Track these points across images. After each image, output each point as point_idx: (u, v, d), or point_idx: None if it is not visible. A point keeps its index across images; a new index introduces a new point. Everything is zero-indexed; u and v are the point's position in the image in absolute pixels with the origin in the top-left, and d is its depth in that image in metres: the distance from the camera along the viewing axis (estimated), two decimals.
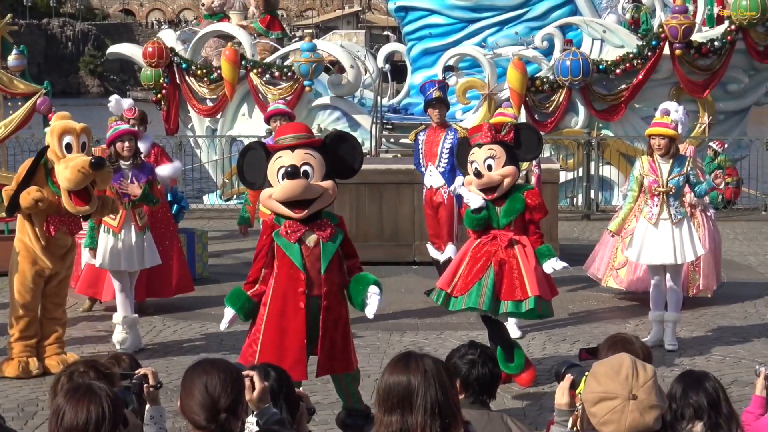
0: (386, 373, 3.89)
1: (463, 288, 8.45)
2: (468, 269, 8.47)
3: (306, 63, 18.62)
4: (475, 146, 8.45)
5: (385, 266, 13.35)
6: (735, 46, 18.62)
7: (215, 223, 17.01)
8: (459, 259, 8.66)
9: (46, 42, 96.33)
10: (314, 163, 6.94)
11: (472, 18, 20.93)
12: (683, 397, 4.87)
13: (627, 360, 3.66)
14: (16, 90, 13.86)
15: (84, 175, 8.66)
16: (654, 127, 9.91)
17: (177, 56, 19.57)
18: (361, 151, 7.35)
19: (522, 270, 8.32)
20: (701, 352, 9.96)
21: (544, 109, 18.69)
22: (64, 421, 3.77)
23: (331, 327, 7.10)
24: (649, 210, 9.96)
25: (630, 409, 3.57)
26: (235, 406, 3.95)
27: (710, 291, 11.58)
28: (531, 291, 8.27)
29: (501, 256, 8.37)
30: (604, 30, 19.28)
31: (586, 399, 3.69)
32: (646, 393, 3.58)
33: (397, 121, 20.64)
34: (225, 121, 19.82)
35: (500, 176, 8.36)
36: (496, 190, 8.39)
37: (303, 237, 7.02)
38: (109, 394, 3.83)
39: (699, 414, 4.84)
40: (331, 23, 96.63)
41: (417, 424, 3.78)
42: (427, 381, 3.81)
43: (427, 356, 3.94)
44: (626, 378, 3.59)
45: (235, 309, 7.27)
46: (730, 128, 19.57)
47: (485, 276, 8.37)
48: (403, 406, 3.79)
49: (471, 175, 8.47)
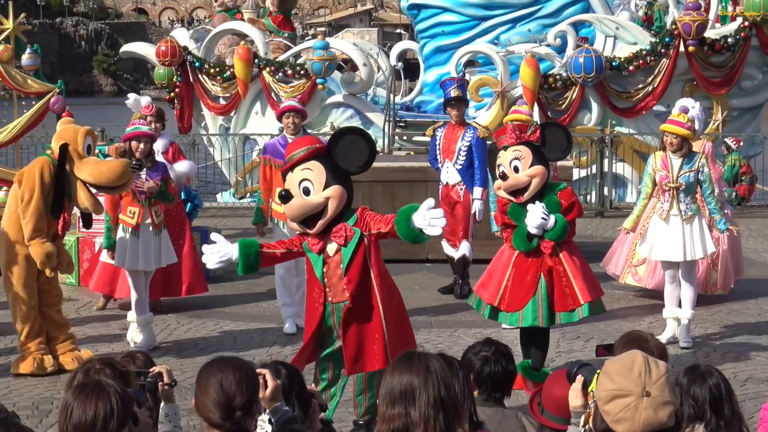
0: (389, 372, 3.90)
1: (514, 303, 8.30)
2: (515, 282, 8.30)
3: (319, 61, 18.62)
4: (501, 149, 8.29)
5: (398, 264, 13.34)
6: (749, 42, 18.56)
7: (228, 221, 17.03)
8: (501, 268, 8.44)
9: (60, 41, 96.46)
10: (312, 176, 6.86)
11: (485, 15, 20.92)
12: (686, 394, 4.81)
13: (639, 357, 3.65)
14: (30, 89, 13.93)
15: (124, 173, 8.83)
16: (668, 124, 9.91)
17: (190, 55, 19.59)
18: (371, 141, 7.10)
19: (570, 276, 8.21)
20: (715, 350, 9.94)
21: (557, 106, 18.65)
22: (73, 417, 3.77)
23: (354, 328, 7.02)
24: (660, 206, 9.97)
25: (644, 406, 3.56)
26: (250, 405, 3.95)
27: (727, 288, 11.57)
28: (582, 298, 8.20)
29: (548, 263, 8.23)
30: (617, 27, 19.24)
31: (599, 397, 3.68)
32: (659, 390, 3.57)
33: (410, 119, 20.62)
34: (238, 119, 19.83)
35: (527, 177, 8.17)
36: (524, 192, 8.20)
37: (324, 247, 6.98)
38: (117, 391, 3.83)
39: (700, 413, 4.78)
40: (344, 21, 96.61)
41: (421, 417, 3.78)
42: (430, 377, 3.81)
43: (431, 354, 3.95)
44: (639, 375, 3.58)
45: (240, 254, 7.00)
46: (743, 125, 19.51)
47: (538, 290, 8.22)
48: (406, 401, 3.80)
49: (498, 179, 8.29)
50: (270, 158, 10.40)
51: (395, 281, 7.34)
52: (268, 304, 11.51)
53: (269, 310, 11.29)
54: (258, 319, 10.98)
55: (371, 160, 7.07)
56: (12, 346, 9.93)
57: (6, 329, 10.55)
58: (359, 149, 6.95)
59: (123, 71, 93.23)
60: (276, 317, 10.80)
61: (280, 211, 10.44)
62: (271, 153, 10.46)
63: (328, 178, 6.87)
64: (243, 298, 12.01)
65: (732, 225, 10.46)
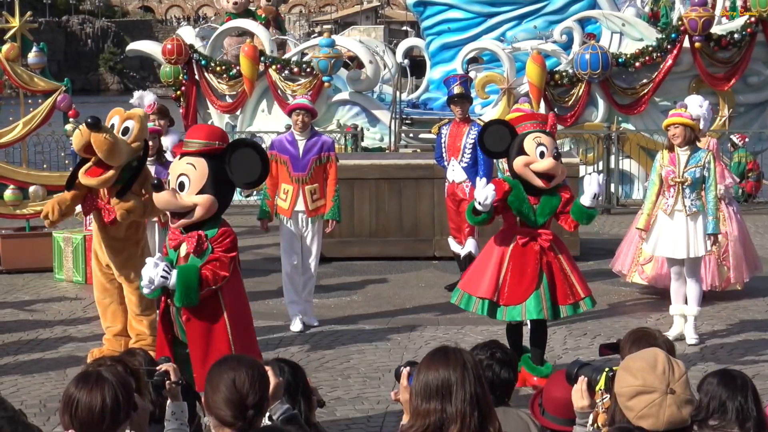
0: (424, 367, 3.82)
1: (515, 297, 8.20)
2: (515, 275, 8.20)
3: (325, 59, 18.61)
4: (539, 131, 8.21)
5: (405, 261, 13.37)
6: (756, 38, 18.53)
7: (235, 218, 17.00)
8: (496, 262, 8.28)
9: (66, 39, 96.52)
10: (192, 174, 6.71)
11: (491, 12, 20.89)
12: (723, 401, 4.49)
13: (661, 354, 3.64)
14: (37, 87, 13.95)
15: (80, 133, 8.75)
16: (669, 117, 9.91)
17: (196, 53, 19.59)
18: (266, 160, 6.81)
19: (567, 271, 8.24)
20: (723, 346, 9.93)
21: (564, 103, 18.62)
22: (79, 409, 3.73)
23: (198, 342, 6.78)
24: (665, 201, 9.95)
25: (668, 403, 3.55)
26: (262, 404, 3.94)
27: (740, 283, 11.54)
28: (583, 292, 8.26)
29: (546, 257, 8.21)
30: (623, 23, 19.21)
31: (620, 393, 3.66)
32: (682, 387, 3.57)
33: (416, 116, 20.60)
34: (244, 117, 19.83)
35: (563, 169, 8.31)
36: (551, 180, 8.19)
37: (179, 245, 6.84)
38: (119, 379, 3.82)
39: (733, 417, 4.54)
40: (350, 19, 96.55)
41: (457, 413, 3.72)
42: (467, 372, 3.76)
43: (463, 349, 3.90)
44: (663, 372, 3.58)
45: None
46: (750, 121, 19.47)
47: (541, 283, 8.18)
48: (442, 396, 3.74)
49: (536, 156, 8.10)
50: (277, 154, 10.41)
51: (403, 279, 7.34)
52: (275, 302, 11.52)
53: (276, 308, 11.30)
54: (265, 316, 10.98)
55: (261, 180, 6.94)
56: (17, 344, 9.96)
57: (13, 327, 10.58)
58: (252, 165, 6.73)
59: (129, 69, 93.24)
60: (283, 315, 10.81)
61: (285, 207, 10.46)
62: (278, 149, 10.46)
63: (207, 184, 6.71)
64: (250, 295, 11.78)
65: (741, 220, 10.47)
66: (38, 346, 9.99)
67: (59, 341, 10.16)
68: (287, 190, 10.41)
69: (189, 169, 6.75)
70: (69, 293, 12.16)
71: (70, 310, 11.33)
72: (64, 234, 12.88)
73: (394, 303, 11.51)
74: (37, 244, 13.30)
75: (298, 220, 10.48)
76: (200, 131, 6.99)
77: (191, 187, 6.71)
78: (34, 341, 10.17)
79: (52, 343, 10.08)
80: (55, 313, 11.24)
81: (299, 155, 10.36)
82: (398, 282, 12.42)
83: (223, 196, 6.84)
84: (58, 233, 12.91)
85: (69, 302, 11.70)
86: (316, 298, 11.04)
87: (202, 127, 7.45)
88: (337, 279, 12.75)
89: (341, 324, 10.74)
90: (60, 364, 9.42)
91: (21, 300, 11.83)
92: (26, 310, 11.34)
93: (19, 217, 13.61)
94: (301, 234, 10.53)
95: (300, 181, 10.37)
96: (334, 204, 10.41)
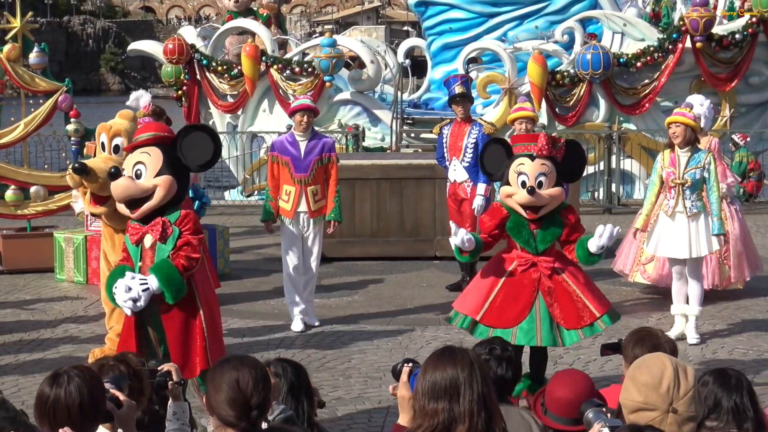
0: (430, 366, 3.77)
1: (505, 321, 7.67)
2: (506, 300, 7.71)
3: (326, 59, 18.61)
4: (525, 156, 7.64)
5: (406, 261, 13.36)
6: (757, 38, 18.53)
7: (236, 219, 17.04)
8: (489, 284, 7.81)
9: (67, 40, 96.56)
10: (148, 161, 6.87)
11: (492, 12, 20.92)
12: (718, 399, 4.35)
13: (669, 369, 3.59)
14: (38, 88, 13.95)
15: (71, 177, 9.07)
16: (672, 115, 9.91)
17: (197, 53, 19.59)
18: (218, 142, 7.01)
19: (578, 292, 7.71)
20: (723, 346, 9.92)
21: (565, 103, 18.63)
22: (48, 404, 3.82)
23: (174, 330, 6.88)
24: (666, 202, 9.96)
25: (669, 422, 3.53)
26: (265, 404, 3.91)
27: (741, 282, 11.54)
28: (598, 310, 7.72)
29: (547, 283, 7.69)
30: (625, 23, 19.22)
31: (624, 405, 3.65)
32: (685, 405, 3.53)
33: (418, 116, 20.62)
34: (246, 117, 19.84)
35: (548, 196, 7.53)
36: (539, 210, 7.61)
37: (142, 239, 6.92)
38: (88, 379, 3.86)
39: (721, 424, 4.55)
40: (351, 19, 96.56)
41: (465, 412, 3.69)
42: (474, 372, 3.73)
43: (469, 349, 3.87)
44: (667, 390, 3.53)
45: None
46: (751, 121, 19.47)
47: (535, 310, 7.66)
48: (450, 396, 3.70)
49: (517, 186, 7.58)
50: (278, 155, 10.40)
51: (404, 279, 7.32)
52: (276, 302, 11.51)
53: (277, 308, 11.29)
54: (266, 316, 10.98)
55: (214, 160, 7.04)
56: (18, 344, 9.96)
57: (14, 327, 10.58)
58: (204, 147, 6.91)
59: (130, 69, 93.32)
60: (284, 315, 10.81)
61: (287, 208, 10.45)
62: (279, 150, 10.45)
63: (163, 167, 6.86)
64: (251, 295, 12.01)
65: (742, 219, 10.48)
66: (39, 347, 9.98)
67: (60, 341, 10.16)
68: (289, 191, 10.39)
69: (144, 157, 6.92)
70: (70, 293, 12.16)
71: (72, 310, 11.33)
72: (65, 234, 12.89)
73: (395, 303, 11.51)
74: (38, 245, 13.31)
75: (299, 221, 10.48)
76: (149, 127, 7.24)
77: (148, 172, 6.86)
78: (35, 341, 10.16)
79: (54, 344, 10.07)
80: (57, 313, 11.24)
81: (301, 156, 10.35)
82: (399, 282, 12.41)
83: (180, 179, 6.94)
84: (59, 233, 12.92)
85: (70, 302, 11.70)
86: (317, 298, 11.04)
87: (151, 124, 7.62)
88: (339, 279, 12.75)
89: (342, 324, 10.73)
90: (61, 364, 9.24)
91: (22, 300, 11.83)
92: (27, 310, 11.34)
93: (20, 217, 13.64)
94: (303, 234, 10.52)
95: (302, 182, 10.36)
96: (335, 205, 10.40)
